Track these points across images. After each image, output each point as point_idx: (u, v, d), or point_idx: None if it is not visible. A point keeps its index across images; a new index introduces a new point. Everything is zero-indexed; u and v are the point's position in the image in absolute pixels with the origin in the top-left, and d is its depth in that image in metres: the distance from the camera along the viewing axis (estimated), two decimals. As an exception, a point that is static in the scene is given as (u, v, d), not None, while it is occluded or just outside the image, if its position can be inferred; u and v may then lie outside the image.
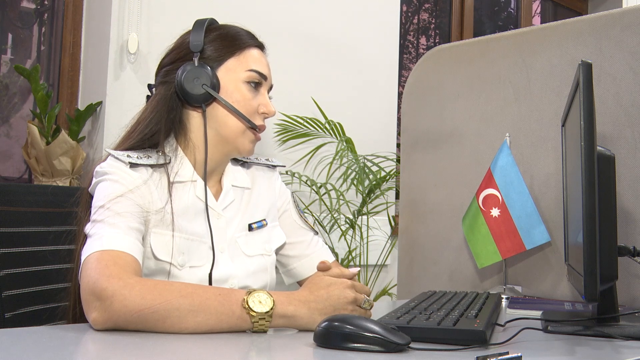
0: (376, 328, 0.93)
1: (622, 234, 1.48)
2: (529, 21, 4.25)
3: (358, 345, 0.92)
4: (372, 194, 2.67)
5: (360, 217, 2.70)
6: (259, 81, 1.31)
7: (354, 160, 2.64)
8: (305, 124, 2.63)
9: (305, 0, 2.81)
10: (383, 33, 3.10)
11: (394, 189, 2.87)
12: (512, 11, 4.40)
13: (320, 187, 2.62)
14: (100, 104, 2.24)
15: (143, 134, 1.26)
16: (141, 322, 1.00)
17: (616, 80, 1.59)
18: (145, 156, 1.24)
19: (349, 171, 2.63)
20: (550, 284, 1.71)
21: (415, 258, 1.99)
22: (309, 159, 2.70)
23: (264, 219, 1.39)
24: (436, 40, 3.93)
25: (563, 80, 1.70)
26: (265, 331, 1.05)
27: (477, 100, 1.89)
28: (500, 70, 1.84)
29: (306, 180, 2.62)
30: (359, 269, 1.26)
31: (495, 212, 1.71)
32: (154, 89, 1.33)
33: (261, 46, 1.36)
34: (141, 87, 2.27)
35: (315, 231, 1.47)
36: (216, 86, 1.28)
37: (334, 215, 2.61)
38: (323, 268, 1.20)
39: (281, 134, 2.62)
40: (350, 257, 2.66)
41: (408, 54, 3.82)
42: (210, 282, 1.25)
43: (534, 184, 1.74)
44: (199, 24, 1.32)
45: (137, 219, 1.17)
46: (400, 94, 3.12)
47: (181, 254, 1.23)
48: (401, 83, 3.29)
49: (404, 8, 3.68)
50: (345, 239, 2.67)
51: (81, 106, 2.31)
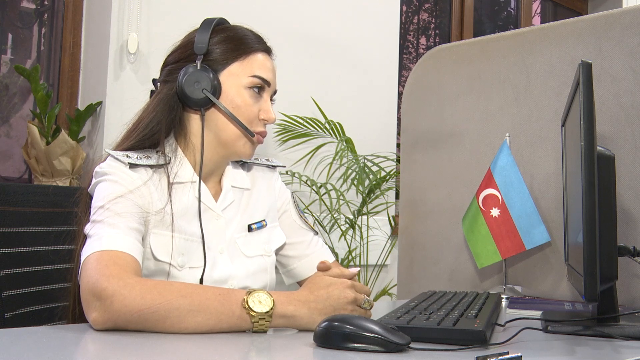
0: (376, 328, 0.93)
1: (622, 234, 1.48)
2: (529, 21, 4.25)
3: (358, 345, 0.92)
4: (372, 194, 2.67)
5: (360, 217, 2.70)
6: (261, 86, 1.30)
7: (354, 160, 2.64)
8: (305, 124, 2.63)
9: (305, 1, 2.81)
10: (383, 33, 3.10)
11: (394, 189, 2.87)
12: (512, 11, 4.40)
13: (320, 187, 2.62)
14: (100, 104, 2.24)
15: (144, 133, 1.26)
16: (141, 322, 1.00)
17: (616, 80, 1.59)
18: (145, 156, 1.24)
19: (349, 171, 2.63)
20: (550, 284, 1.71)
21: (415, 258, 1.99)
22: (309, 159, 2.70)
23: (264, 220, 1.38)
24: (436, 40, 3.93)
25: (563, 80, 1.70)
26: (265, 331, 1.05)
27: (477, 100, 1.89)
28: (500, 70, 1.84)
29: (306, 180, 2.62)
30: (359, 269, 1.26)
31: (495, 212, 1.71)
32: (158, 84, 1.33)
33: (268, 50, 1.35)
34: (141, 87, 2.27)
35: (315, 231, 1.47)
36: (217, 91, 1.27)
37: (334, 215, 2.61)
38: (323, 268, 1.20)
39: (281, 134, 2.62)
40: (350, 257, 2.66)
41: (408, 54, 3.82)
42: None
43: (534, 184, 1.74)
44: (206, 23, 1.31)
45: (137, 219, 1.16)
46: (400, 94, 3.12)
47: (181, 254, 1.23)
48: (401, 83, 3.29)
49: (404, 8, 3.68)
50: (345, 239, 2.67)
51: (81, 106, 2.31)
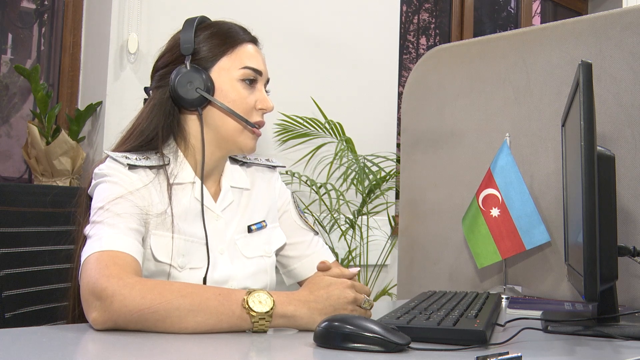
0: (376, 328, 0.93)
1: (622, 234, 1.48)
2: (529, 21, 4.25)
3: (358, 345, 0.92)
4: (372, 194, 2.67)
5: (360, 217, 2.70)
6: (254, 78, 1.30)
7: (354, 160, 2.64)
8: (305, 123, 2.63)
9: (305, 0, 2.81)
10: (383, 33, 3.10)
11: (394, 189, 2.87)
12: (512, 11, 4.40)
13: (320, 187, 2.62)
14: (100, 104, 2.24)
15: (140, 139, 1.25)
16: (141, 322, 1.00)
17: (616, 80, 1.59)
18: (144, 157, 1.24)
19: (349, 171, 2.63)
20: (550, 284, 1.71)
21: (415, 258, 1.99)
22: (309, 159, 2.70)
23: (264, 220, 1.38)
24: (436, 40, 3.93)
25: (563, 80, 1.70)
26: (265, 331, 1.05)
27: (477, 100, 1.89)
28: (500, 70, 1.84)
29: (306, 180, 2.62)
30: (359, 269, 1.26)
31: (495, 212, 1.71)
32: (150, 92, 1.33)
33: (254, 40, 1.34)
34: (141, 87, 2.25)
35: (316, 231, 1.47)
36: (210, 88, 1.27)
37: (334, 215, 2.61)
38: (323, 268, 1.20)
39: (281, 134, 2.62)
40: (350, 257, 2.66)
41: (408, 54, 3.82)
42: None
43: (534, 184, 1.74)
44: (188, 23, 1.30)
45: (137, 220, 1.16)
46: (400, 94, 3.12)
47: (181, 255, 1.23)
48: (401, 83, 3.29)
49: (404, 8, 3.68)
50: (345, 239, 2.67)
51: (81, 106, 2.31)
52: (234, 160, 1.41)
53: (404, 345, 0.93)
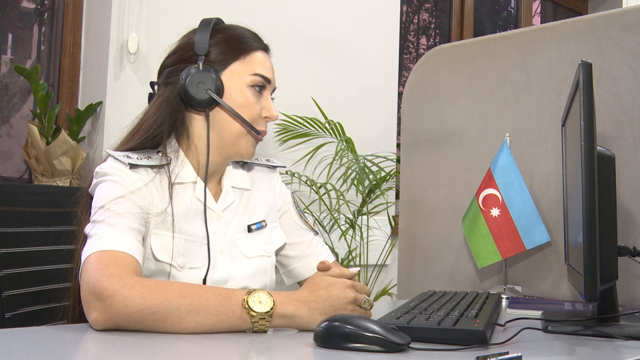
0: (376, 328, 0.93)
1: (622, 234, 1.48)
2: (529, 21, 4.25)
3: (358, 345, 0.92)
4: (372, 194, 2.67)
5: (360, 217, 2.70)
6: (263, 85, 1.31)
7: (354, 160, 2.64)
8: (305, 124, 2.63)
9: (305, 1, 2.81)
10: (383, 33, 3.10)
11: (394, 189, 2.87)
12: (512, 11, 4.40)
13: (320, 187, 2.62)
14: (100, 104, 2.24)
15: (146, 135, 1.26)
16: (141, 322, 1.00)
17: (616, 80, 1.59)
18: (146, 157, 1.24)
19: (349, 171, 2.63)
20: (550, 284, 1.71)
21: (415, 258, 1.99)
22: (309, 159, 2.70)
23: (264, 220, 1.38)
24: (436, 40, 3.93)
25: (563, 80, 1.70)
26: (265, 331, 1.05)
27: (477, 100, 1.89)
28: (500, 70, 1.84)
29: (306, 180, 2.62)
30: (359, 269, 1.26)
31: (495, 212, 1.71)
32: (156, 86, 1.33)
33: (266, 49, 1.35)
34: (141, 87, 2.27)
35: (316, 231, 1.47)
36: (220, 91, 1.27)
37: (334, 215, 2.61)
38: (323, 268, 1.20)
39: (281, 133, 2.62)
40: (350, 257, 2.66)
41: (408, 54, 3.82)
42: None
43: (534, 184, 1.74)
44: (205, 24, 1.31)
45: (137, 219, 1.16)
46: (400, 94, 3.12)
47: (181, 255, 1.23)
48: (401, 83, 3.29)
49: (404, 8, 3.68)
50: (345, 239, 2.67)
51: (81, 106, 2.31)
52: (235, 162, 1.41)
53: (404, 345, 0.93)
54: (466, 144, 1.90)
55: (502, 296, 1.64)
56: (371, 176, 2.63)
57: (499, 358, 0.84)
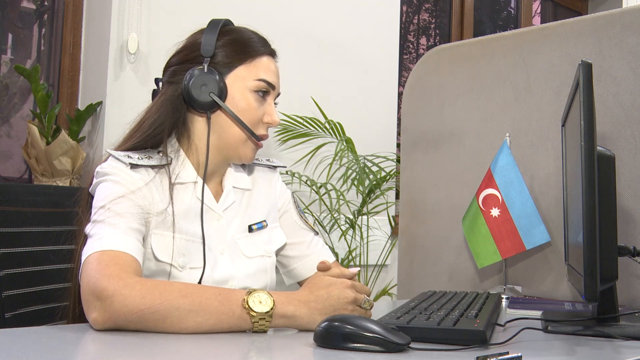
0: (376, 328, 0.93)
1: (622, 234, 1.48)
2: (529, 21, 4.25)
3: (358, 345, 0.92)
4: (372, 194, 2.67)
5: (360, 217, 2.70)
6: (266, 90, 1.31)
7: (354, 160, 2.64)
8: (305, 123, 2.63)
9: (305, 1, 2.81)
10: (383, 33, 3.10)
11: (394, 189, 2.87)
12: (512, 11, 4.40)
13: (320, 187, 2.62)
14: (100, 104, 2.24)
15: (147, 133, 1.25)
16: (141, 322, 1.00)
17: (616, 80, 1.59)
18: (146, 157, 1.24)
19: (349, 171, 2.63)
20: (550, 284, 1.71)
21: (415, 258, 1.99)
22: (309, 159, 2.70)
23: (264, 220, 1.39)
24: (436, 40, 3.93)
25: (563, 80, 1.70)
26: (265, 331, 1.05)
27: (477, 100, 1.89)
28: (500, 70, 1.84)
29: (306, 180, 2.62)
30: (359, 269, 1.26)
31: (495, 212, 1.71)
32: (160, 83, 1.33)
33: (273, 53, 1.35)
34: (141, 87, 2.27)
35: (316, 231, 1.47)
36: (223, 94, 1.27)
37: (334, 215, 2.61)
38: (323, 268, 1.20)
39: (281, 133, 2.62)
40: (350, 257, 2.66)
41: (408, 54, 3.82)
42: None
43: (534, 184, 1.74)
44: (213, 24, 1.31)
45: (138, 219, 1.16)
46: (400, 94, 3.12)
47: (182, 255, 1.23)
48: (401, 83, 3.29)
49: (404, 8, 3.68)
50: (345, 239, 2.67)
51: (81, 106, 2.31)
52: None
53: (404, 345, 0.93)
54: (466, 144, 1.90)
55: (502, 296, 1.64)
56: (371, 176, 2.63)
57: (499, 358, 0.84)
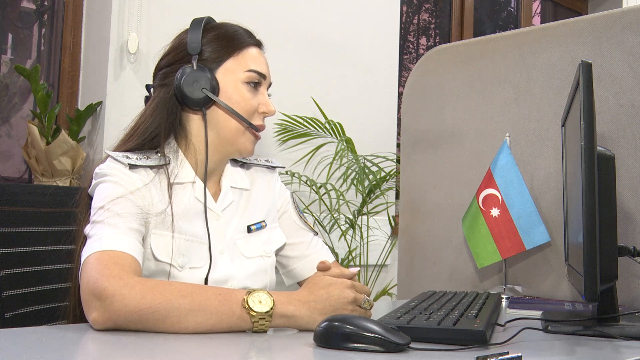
0: (376, 328, 0.93)
1: (622, 234, 1.48)
2: (529, 21, 4.25)
3: (358, 345, 0.92)
4: (372, 194, 2.67)
5: (360, 217, 2.70)
6: (258, 81, 1.31)
7: (354, 160, 2.64)
8: (305, 123, 2.63)
9: (305, 0, 2.81)
10: (383, 33, 3.10)
11: (394, 189, 2.87)
12: (512, 11, 4.40)
13: (320, 187, 2.62)
14: (100, 104, 2.24)
15: (143, 137, 1.26)
16: (141, 321, 1.00)
17: (616, 80, 1.59)
18: (145, 157, 1.24)
19: (349, 171, 2.63)
20: (550, 284, 1.71)
21: (415, 258, 1.99)
22: (309, 159, 2.70)
23: (263, 221, 1.38)
24: (436, 40, 3.93)
25: (563, 80, 1.70)
26: (265, 331, 1.05)
27: (477, 100, 1.89)
28: (500, 70, 1.84)
29: (306, 180, 2.62)
30: (359, 269, 1.26)
31: (495, 212, 1.71)
32: (152, 89, 1.33)
33: (259, 44, 1.35)
34: (141, 87, 2.26)
35: (315, 232, 1.47)
36: (215, 89, 1.27)
37: (334, 215, 2.61)
38: (323, 268, 1.20)
39: (281, 133, 2.62)
40: (350, 257, 2.66)
41: (408, 54, 3.82)
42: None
43: (534, 184, 1.74)
44: (196, 23, 1.31)
45: (137, 219, 1.17)
46: (400, 94, 3.12)
47: (181, 255, 1.23)
48: (401, 83, 3.29)
49: (404, 8, 3.68)
50: (345, 239, 2.67)
51: (81, 106, 2.31)
52: (234, 161, 1.41)
53: (404, 345, 0.93)
54: (466, 144, 1.90)
55: (502, 296, 1.64)
56: (371, 176, 2.63)
57: (499, 358, 0.84)
